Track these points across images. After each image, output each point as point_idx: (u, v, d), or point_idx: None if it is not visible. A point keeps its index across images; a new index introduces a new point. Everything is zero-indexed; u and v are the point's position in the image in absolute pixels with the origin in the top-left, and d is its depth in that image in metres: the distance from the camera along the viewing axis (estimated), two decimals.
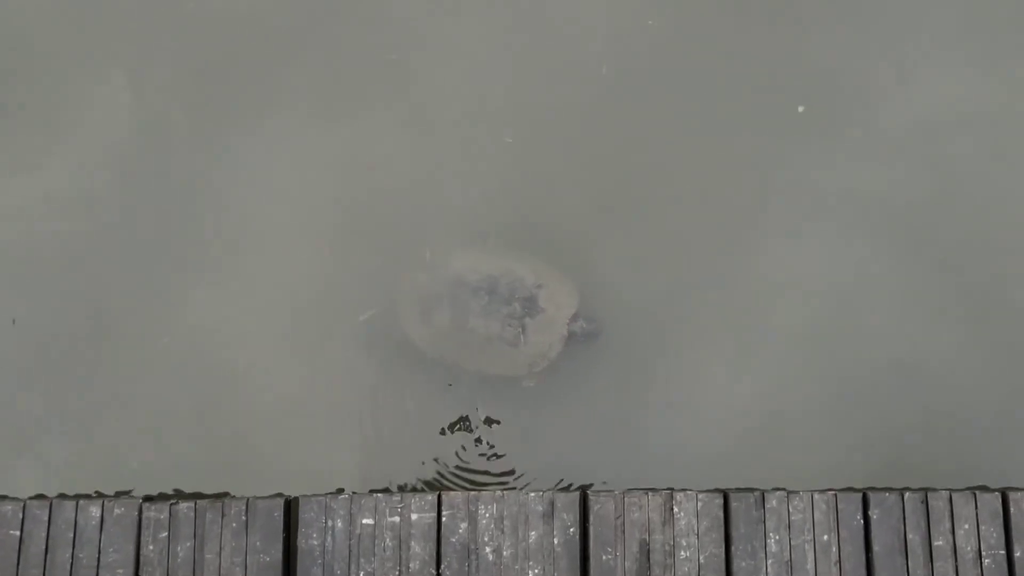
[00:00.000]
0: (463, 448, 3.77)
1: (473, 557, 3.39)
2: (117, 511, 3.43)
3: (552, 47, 4.09)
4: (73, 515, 3.44)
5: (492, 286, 3.68)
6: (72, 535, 3.42)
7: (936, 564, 3.38)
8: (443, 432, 3.79)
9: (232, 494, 3.66)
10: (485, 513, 3.43)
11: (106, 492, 3.69)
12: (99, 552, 3.40)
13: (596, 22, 4.09)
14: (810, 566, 3.37)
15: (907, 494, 3.43)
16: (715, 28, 4.08)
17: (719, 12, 4.09)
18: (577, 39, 4.08)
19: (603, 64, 4.05)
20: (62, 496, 3.65)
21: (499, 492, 3.45)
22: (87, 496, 3.61)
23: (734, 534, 3.41)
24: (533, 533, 3.41)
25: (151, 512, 3.44)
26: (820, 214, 3.91)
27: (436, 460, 3.76)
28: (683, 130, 4.02)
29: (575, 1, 4.12)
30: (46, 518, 3.44)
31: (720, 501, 3.44)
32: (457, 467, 3.76)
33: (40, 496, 3.65)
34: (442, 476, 3.74)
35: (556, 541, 3.41)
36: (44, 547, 3.40)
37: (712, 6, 4.10)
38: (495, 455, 3.77)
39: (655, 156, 4.01)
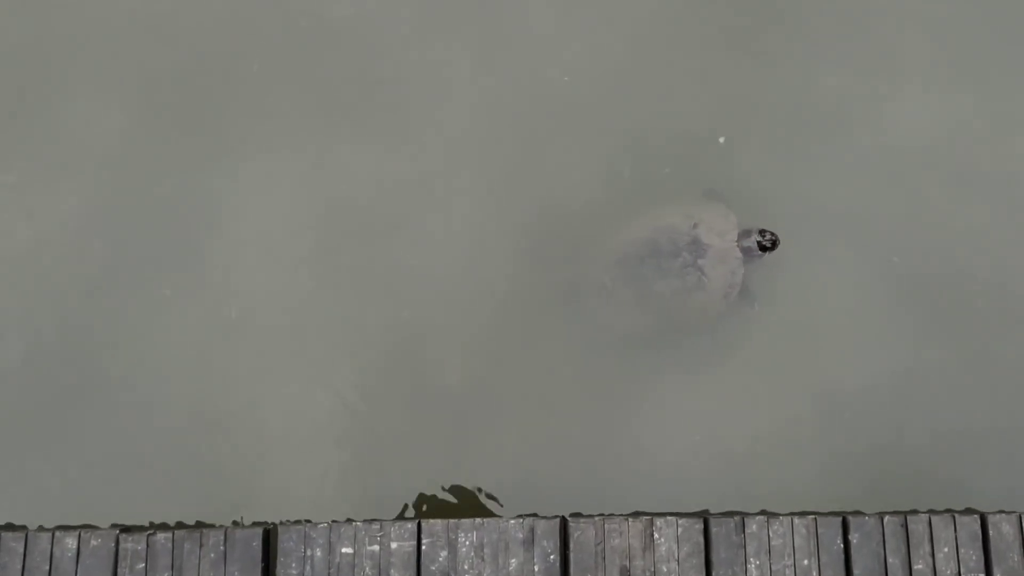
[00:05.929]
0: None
1: None
2: (94, 542, 3.40)
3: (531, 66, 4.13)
4: (49, 546, 3.40)
5: (653, 247, 3.69)
6: (48, 567, 3.38)
7: None
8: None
9: (210, 523, 3.64)
10: (465, 541, 3.41)
11: (83, 523, 3.65)
12: None
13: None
14: None
15: (887, 518, 3.44)
16: (695, 49, 4.13)
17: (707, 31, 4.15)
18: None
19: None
20: (37, 528, 3.62)
21: (479, 520, 3.43)
22: (63, 527, 3.57)
23: (715, 559, 3.40)
24: (513, 560, 3.39)
25: (128, 543, 3.40)
26: (794, 237, 3.93)
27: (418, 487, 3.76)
28: (660, 154, 4.05)
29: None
30: (22, 550, 3.40)
31: (700, 526, 3.43)
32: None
33: (14, 526, 3.62)
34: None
35: (536, 568, 3.39)
36: None
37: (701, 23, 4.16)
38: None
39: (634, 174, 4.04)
